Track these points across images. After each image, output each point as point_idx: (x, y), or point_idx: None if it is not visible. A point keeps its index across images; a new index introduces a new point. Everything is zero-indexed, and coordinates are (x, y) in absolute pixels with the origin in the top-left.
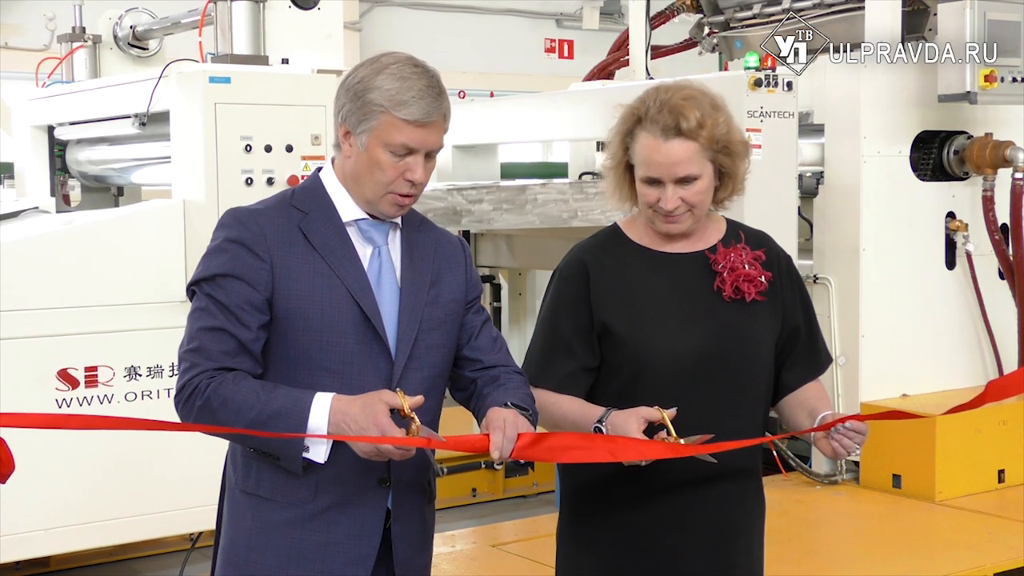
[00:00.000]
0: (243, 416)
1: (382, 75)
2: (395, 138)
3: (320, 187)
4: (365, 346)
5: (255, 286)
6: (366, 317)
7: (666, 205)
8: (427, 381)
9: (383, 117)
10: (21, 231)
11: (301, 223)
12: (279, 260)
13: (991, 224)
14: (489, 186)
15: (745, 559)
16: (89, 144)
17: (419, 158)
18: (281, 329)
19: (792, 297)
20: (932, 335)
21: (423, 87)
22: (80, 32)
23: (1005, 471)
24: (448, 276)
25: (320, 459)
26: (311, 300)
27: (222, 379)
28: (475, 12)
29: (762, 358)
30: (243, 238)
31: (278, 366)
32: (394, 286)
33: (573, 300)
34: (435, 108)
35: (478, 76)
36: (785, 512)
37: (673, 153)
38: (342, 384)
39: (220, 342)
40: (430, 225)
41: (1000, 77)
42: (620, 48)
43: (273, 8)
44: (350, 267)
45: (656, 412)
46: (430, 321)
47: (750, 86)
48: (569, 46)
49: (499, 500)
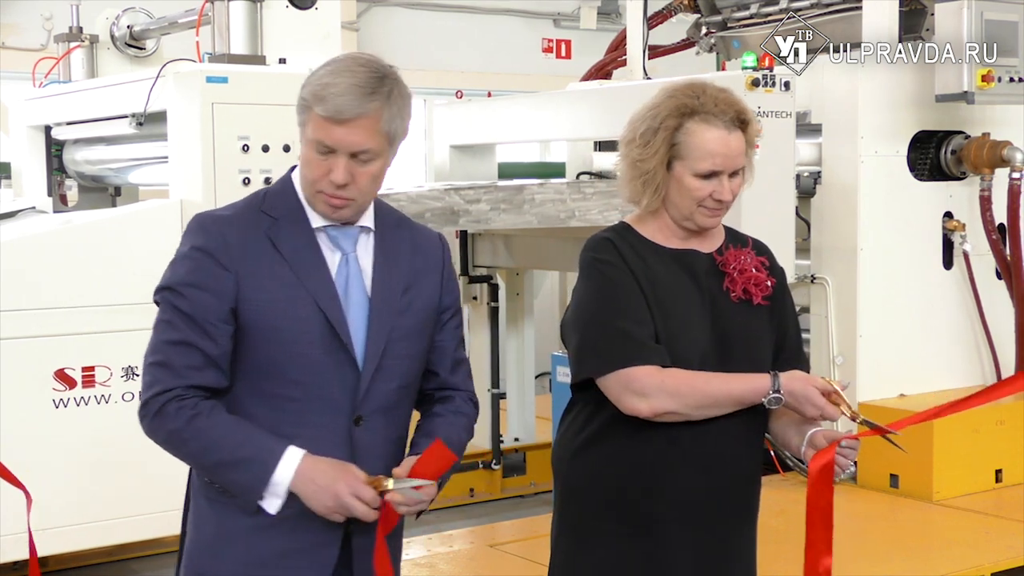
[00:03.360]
0: (211, 455)
1: (323, 70)
2: (314, 134)
3: (291, 190)
4: (331, 357)
5: (219, 297)
6: (332, 328)
7: (725, 196)
8: (396, 392)
9: (309, 112)
10: (18, 231)
11: (269, 230)
12: (245, 269)
13: (988, 224)
14: (487, 186)
15: (747, 556)
16: (86, 144)
17: (340, 159)
18: (247, 339)
19: (786, 307)
20: (929, 335)
21: (350, 84)
22: (77, 32)
23: (1003, 471)
24: (423, 281)
25: (272, 511)
26: (277, 310)
27: (197, 411)
28: (472, 12)
29: (764, 360)
30: (208, 247)
31: (245, 376)
32: (363, 295)
33: (618, 273)
34: (354, 106)
35: (475, 76)
36: (782, 512)
37: (736, 145)
38: (308, 395)
39: (185, 356)
40: (408, 224)
41: (997, 77)
42: (618, 48)
43: (270, 8)
44: (317, 276)
45: (829, 383)
46: (401, 330)
47: (747, 86)
48: (567, 46)
49: (497, 500)
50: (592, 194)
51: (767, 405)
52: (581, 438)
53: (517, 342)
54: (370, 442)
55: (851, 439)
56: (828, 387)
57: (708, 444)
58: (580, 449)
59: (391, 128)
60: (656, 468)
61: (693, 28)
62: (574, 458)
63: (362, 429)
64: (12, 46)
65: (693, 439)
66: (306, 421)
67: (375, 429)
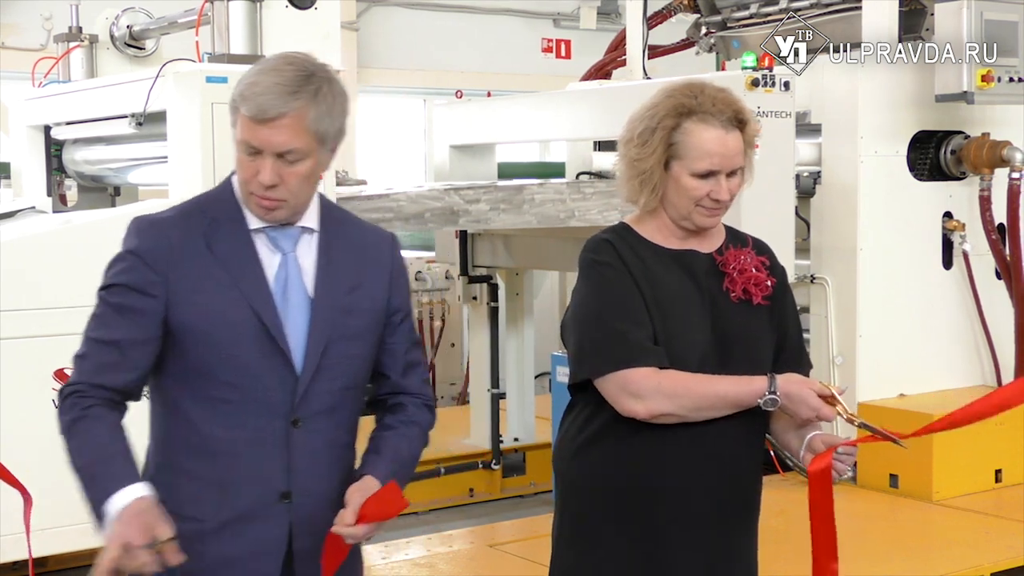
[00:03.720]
0: (77, 458)
1: (253, 70)
2: (241, 135)
3: (230, 191)
4: (266, 359)
5: (147, 300)
6: (267, 329)
7: (722, 195)
8: (337, 393)
9: (237, 113)
10: (18, 231)
11: (206, 231)
12: (177, 272)
13: (988, 224)
14: (486, 186)
15: (748, 555)
16: (86, 144)
17: (265, 160)
18: (181, 342)
19: (786, 305)
20: (929, 335)
21: (274, 83)
22: (77, 32)
23: (1002, 471)
24: (370, 280)
25: (107, 533)
26: (209, 313)
27: (85, 413)
28: (472, 12)
29: (764, 360)
30: (140, 250)
31: (181, 378)
32: (303, 295)
33: (617, 274)
34: (275, 105)
35: (475, 76)
36: (782, 512)
37: (733, 144)
38: (244, 398)
39: (104, 354)
40: (356, 223)
41: (997, 77)
42: (617, 48)
43: (270, 8)
44: (251, 278)
45: (826, 387)
46: (345, 330)
47: (747, 86)
48: (566, 46)
49: (496, 500)
50: (592, 194)
51: (763, 407)
52: (581, 438)
53: (517, 342)
54: (310, 444)
55: (849, 444)
56: (825, 391)
57: (707, 445)
58: (580, 449)
59: (319, 127)
60: (656, 469)
61: (693, 28)
62: (574, 458)
63: (301, 431)
64: (12, 46)
65: (692, 440)
66: (242, 423)
67: (316, 431)
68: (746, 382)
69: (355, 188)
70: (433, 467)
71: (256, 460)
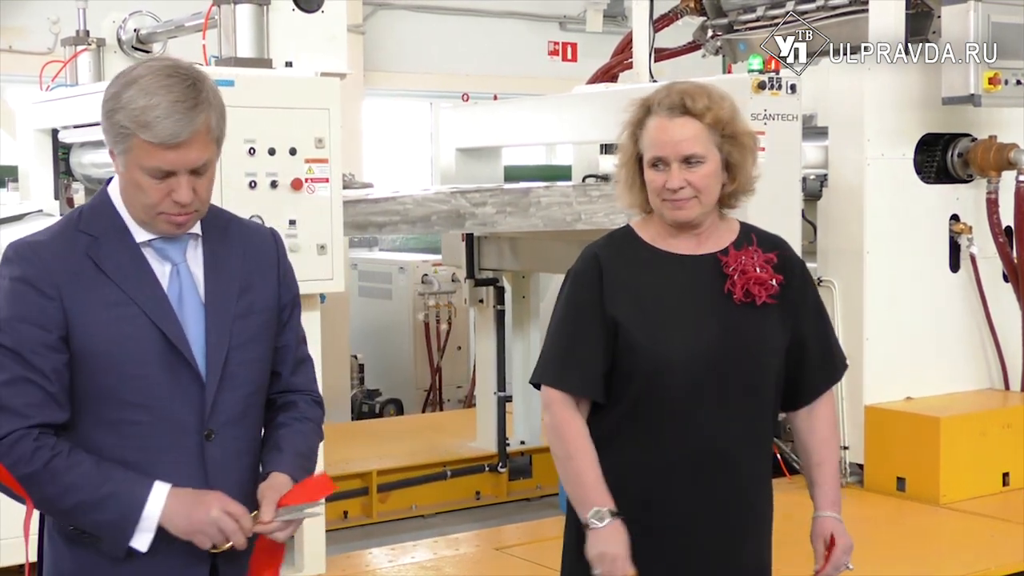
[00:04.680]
0: (72, 495)
1: (130, 90)
2: (148, 161)
3: (109, 206)
4: (173, 375)
5: (47, 327)
6: (170, 343)
7: (672, 183)
8: (243, 400)
9: (133, 139)
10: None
11: (89, 249)
12: (69, 294)
13: (995, 227)
14: (493, 189)
15: (755, 561)
16: (93, 147)
17: (181, 179)
18: (81, 366)
19: (806, 302)
20: (936, 338)
21: (171, 103)
22: (84, 35)
23: (1010, 474)
24: (260, 280)
25: (142, 548)
26: (107, 333)
27: (56, 451)
28: (478, 15)
29: (771, 362)
30: (27, 276)
31: (84, 405)
32: (197, 305)
33: (588, 300)
34: (185, 126)
35: (481, 79)
36: (789, 515)
37: (678, 131)
38: (153, 417)
39: (23, 394)
40: (237, 224)
41: (1004, 80)
42: (624, 51)
43: (277, 11)
44: (147, 291)
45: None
46: (242, 335)
47: (754, 89)
48: (573, 49)
49: (503, 503)
50: (598, 197)
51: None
52: None
53: (523, 345)
54: (222, 456)
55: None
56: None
57: (710, 452)
58: None
59: (219, 133)
60: (658, 474)
61: (699, 31)
62: None
63: (214, 444)
64: (19, 50)
65: (696, 445)
66: (153, 444)
67: (228, 441)
68: (588, 496)
69: (361, 191)
70: (439, 470)
71: (172, 479)
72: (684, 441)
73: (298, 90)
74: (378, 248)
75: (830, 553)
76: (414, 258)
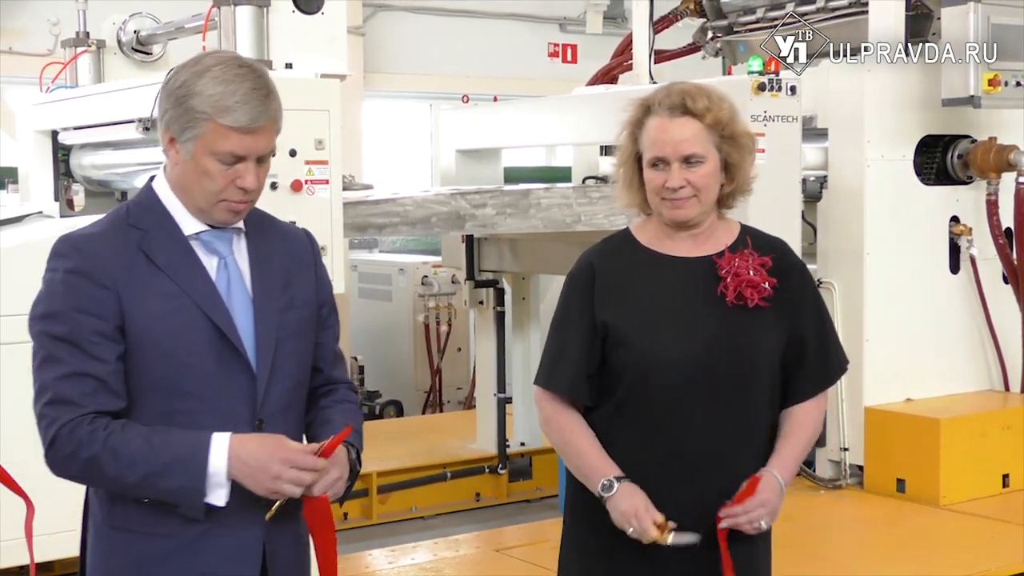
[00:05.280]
0: (137, 469)
1: (204, 78)
2: (222, 146)
3: (156, 200)
4: (224, 365)
5: (103, 317)
6: (222, 334)
7: (672, 182)
8: (289, 392)
9: (208, 124)
10: (24, 235)
11: (141, 243)
12: (123, 285)
13: (995, 228)
14: (493, 190)
15: (749, 564)
16: (93, 149)
17: (249, 165)
18: (135, 356)
19: (804, 305)
20: (936, 339)
21: (248, 90)
22: (84, 37)
23: (1010, 475)
24: (298, 277)
25: (220, 503)
26: (161, 324)
27: (110, 429)
28: (478, 16)
29: (764, 365)
30: (81, 267)
31: (137, 395)
32: (245, 297)
33: (580, 305)
34: (261, 112)
35: (481, 80)
36: (789, 517)
37: (679, 131)
38: (204, 406)
39: (78, 386)
40: (274, 223)
41: (1004, 81)
42: (623, 52)
43: (277, 12)
44: (199, 284)
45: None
46: (287, 329)
47: (754, 90)
48: (572, 50)
49: (503, 505)
50: (598, 198)
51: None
52: None
53: (523, 346)
54: None
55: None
56: (659, 517)
57: (703, 451)
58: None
59: (280, 125)
60: (651, 473)
61: (699, 32)
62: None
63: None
64: (19, 51)
65: (689, 445)
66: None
67: (275, 432)
68: (597, 470)
69: (361, 192)
70: (440, 471)
71: None
72: (676, 441)
73: (298, 91)
74: (378, 250)
75: (746, 495)
76: (414, 260)
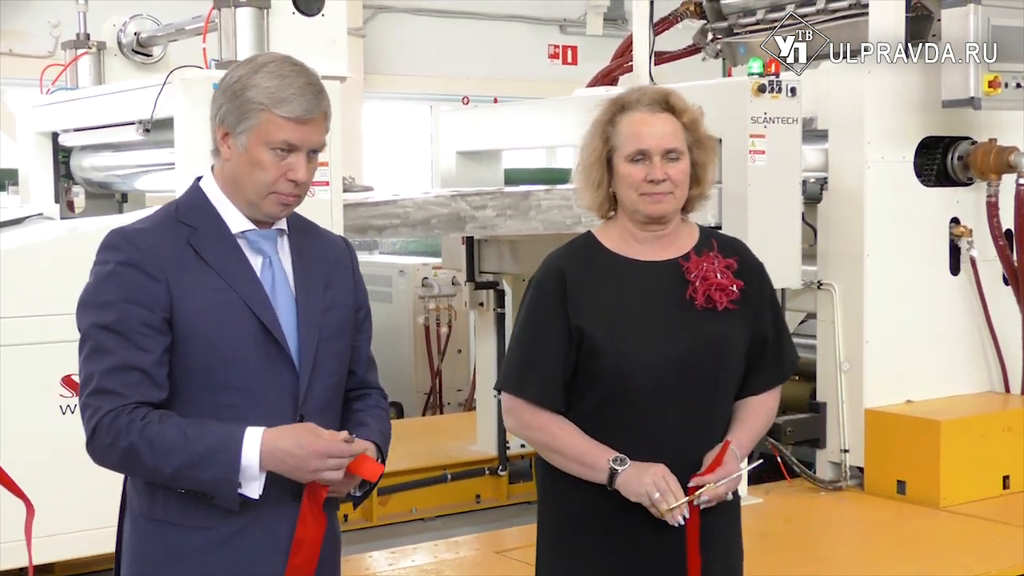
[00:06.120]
0: (172, 459)
1: (260, 73)
2: (276, 136)
3: (204, 199)
4: (268, 360)
5: (153, 309)
6: (267, 330)
7: (654, 174)
8: (329, 390)
9: (263, 115)
10: (25, 237)
11: (191, 239)
12: (174, 278)
13: (995, 230)
14: (493, 192)
15: (722, 561)
16: (93, 150)
17: (301, 157)
18: (182, 349)
19: (763, 305)
20: (936, 341)
21: (302, 84)
22: (84, 39)
23: (1010, 477)
24: (338, 280)
25: (254, 495)
26: (209, 317)
27: (148, 419)
28: (478, 18)
29: (734, 366)
30: (133, 259)
31: (181, 388)
32: (289, 296)
33: (550, 309)
34: (315, 105)
35: (481, 82)
36: (790, 519)
37: (661, 125)
38: (248, 401)
39: (123, 378)
40: (315, 229)
41: (1004, 82)
42: (624, 54)
43: (277, 14)
44: (245, 280)
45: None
46: (328, 328)
47: (754, 92)
48: (573, 52)
49: (503, 506)
50: None
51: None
52: None
53: None
54: None
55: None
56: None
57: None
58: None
59: (329, 122)
60: None
61: (699, 34)
62: (547, 469)
63: None
64: (19, 53)
65: (663, 447)
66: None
67: None
68: (594, 449)
69: (361, 194)
70: (440, 473)
71: None
72: (650, 443)
73: None
74: (378, 251)
75: (715, 464)
76: (414, 261)
